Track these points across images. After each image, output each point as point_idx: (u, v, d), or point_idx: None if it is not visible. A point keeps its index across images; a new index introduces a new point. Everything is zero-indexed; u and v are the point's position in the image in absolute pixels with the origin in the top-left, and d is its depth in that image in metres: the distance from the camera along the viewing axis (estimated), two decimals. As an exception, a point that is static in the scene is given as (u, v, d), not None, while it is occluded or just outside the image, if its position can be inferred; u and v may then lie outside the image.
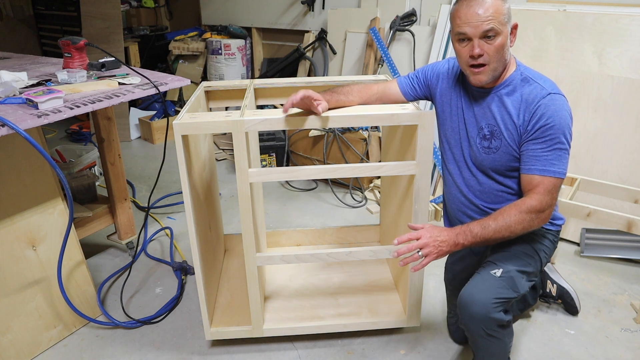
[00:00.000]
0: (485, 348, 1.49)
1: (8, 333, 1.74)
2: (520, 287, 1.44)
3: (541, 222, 1.40)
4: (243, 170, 1.51)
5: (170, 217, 2.89)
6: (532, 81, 1.41)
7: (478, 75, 1.40)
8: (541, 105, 1.37)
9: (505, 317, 1.42)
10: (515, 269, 1.45)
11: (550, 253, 1.58)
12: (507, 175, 1.49)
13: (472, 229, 1.37)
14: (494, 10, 1.31)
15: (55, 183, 1.83)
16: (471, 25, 1.33)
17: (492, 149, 1.46)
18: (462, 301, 1.44)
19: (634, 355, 1.80)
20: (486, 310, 1.39)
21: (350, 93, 1.60)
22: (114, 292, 2.20)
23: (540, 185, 1.38)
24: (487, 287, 1.42)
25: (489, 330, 1.43)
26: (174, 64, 4.73)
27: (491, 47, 1.35)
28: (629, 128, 2.34)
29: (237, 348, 1.87)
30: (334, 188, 3.18)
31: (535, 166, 1.38)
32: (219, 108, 3.05)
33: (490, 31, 1.33)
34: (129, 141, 4.21)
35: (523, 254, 1.50)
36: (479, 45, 1.35)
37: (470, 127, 1.51)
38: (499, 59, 1.37)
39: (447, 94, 1.57)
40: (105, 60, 2.00)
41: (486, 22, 1.32)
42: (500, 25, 1.33)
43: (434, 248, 1.34)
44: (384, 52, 3.28)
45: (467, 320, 1.44)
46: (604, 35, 2.39)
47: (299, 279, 2.09)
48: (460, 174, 1.59)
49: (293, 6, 4.05)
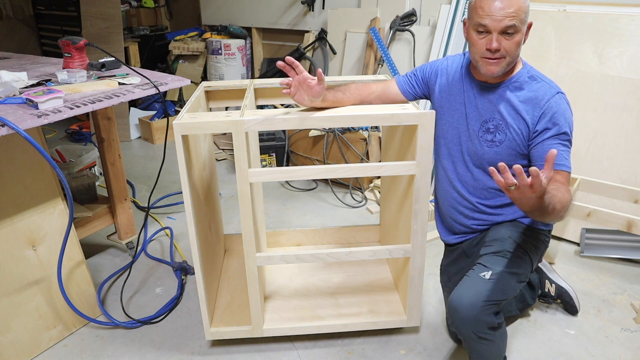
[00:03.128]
0: (477, 350, 1.49)
1: (8, 333, 1.74)
2: (510, 289, 1.44)
3: (565, 216, 1.29)
4: (243, 170, 1.51)
5: (170, 217, 2.89)
6: (539, 79, 1.44)
7: (491, 67, 1.40)
8: (551, 104, 1.39)
9: (496, 319, 1.42)
10: (505, 271, 1.45)
11: (541, 253, 1.58)
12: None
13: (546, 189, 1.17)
14: (518, 7, 1.32)
15: (55, 183, 1.83)
16: (493, 19, 1.33)
17: (495, 142, 1.47)
18: (451, 304, 1.44)
19: (633, 355, 1.80)
20: (475, 313, 1.39)
21: (348, 90, 1.60)
22: (114, 292, 2.20)
23: (561, 179, 1.36)
24: (476, 290, 1.41)
25: (480, 333, 1.42)
26: (174, 64, 4.72)
27: (509, 43, 1.36)
28: (629, 128, 2.34)
29: (237, 348, 1.87)
30: (334, 188, 3.18)
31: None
32: (219, 108, 3.04)
33: (511, 28, 1.33)
34: (129, 141, 4.20)
35: (513, 255, 1.49)
36: (497, 40, 1.35)
37: (472, 121, 1.51)
38: (515, 54, 1.39)
39: (446, 89, 1.58)
40: (105, 60, 2.00)
41: (509, 18, 1.32)
42: (520, 23, 1.34)
43: (522, 192, 1.13)
44: (384, 52, 3.28)
45: (457, 324, 1.44)
46: (604, 35, 2.39)
47: (299, 279, 2.09)
48: (454, 170, 1.59)
49: (293, 6, 4.05)
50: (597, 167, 2.43)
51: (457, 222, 1.67)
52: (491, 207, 1.58)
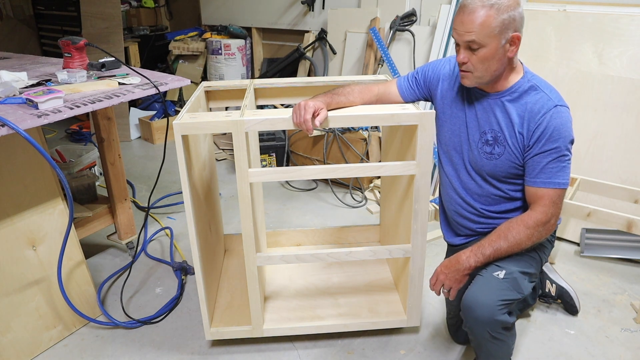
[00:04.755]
0: (488, 351, 1.49)
1: (8, 333, 1.74)
2: (524, 288, 1.44)
3: (548, 232, 1.43)
4: (243, 170, 1.51)
5: (170, 217, 2.89)
6: (539, 90, 1.41)
7: (463, 79, 1.43)
8: (547, 117, 1.37)
9: (510, 319, 1.42)
10: (518, 270, 1.45)
11: (548, 253, 1.58)
12: (504, 181, 1.50)
13: (484, 251, 1.44)
14: (480, 22, 1.30)
15: (55, 183, 1.83)
16: (458, 32, 1.36)
17: (494, 154, 1.46)
18: (466, 304, 1.43)
19: (633, 355, 1.80)
20: (491, 312, 1.38)
21: (350, 94, 1.60)
22: (114, 292, 2.20)
23: (546, 197, 1.40)
24: (491, 289, 1.41)
25: (494, 332, 1.42)
26: (174, 64, 4.73)
27: (474, 57, 1.36)
28: (629, 128, 2.34)
29: (237, 348, 1.87)
30: (334, 188, 3.18)
31: (539, 178, 1.40)
32: (219, 108, 3.04)
33: (471, 43, 1.34)
34: (129, 141, 4.21)
35: (524, 255, 1.49)
36: (463, 53, 1.38)
37: (471, 130, 1.51)
38: (483, 69, 1.38)
39: (448, 95, 1.56)
40: (105, 60, 2.00)
41: (467, 34, 1.33)
42: (484, 38, 1.32)
43: (451, 281, 1.48)
44: (384, 52, 3.28)
45: (471, 323, 1.44)
46: (604, 35, 2.39)
47: (299, 279, 2.09)
48: (457, 177, 1.59)
49: (293, 6, 4.05)
50: (597, 167, 2.43)
51: (462, 226, 1.67)
52: (496, 212, 1.57)
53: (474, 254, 1.44)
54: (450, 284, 1.48)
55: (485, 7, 1.30)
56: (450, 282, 1.48)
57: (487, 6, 1.30)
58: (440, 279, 1.49)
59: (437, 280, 1.50)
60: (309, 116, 1.42)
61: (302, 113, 1.43)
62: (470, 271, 1.46)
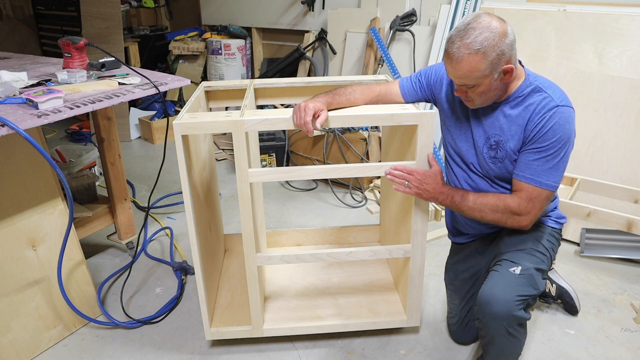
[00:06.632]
0: (501, 347, 1.48)
1: (8, 333, 1.74)
2: (539, 284, 1.44)
3: (514, 224, 1.45)
4: (243, 170, 1.51)
5: (170, 217, 2.89)
6: (542, 91, 1.39)
7: (467, 102, 1.45)
8: (546, 117, 1.36)
9: (526, 315, 1.42)
10: (533, 267, 1.45)
11: (556, 251, 1.59)
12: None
13: (454, 195, 1.48)
14: (469, 69, 1.31)
15: (55, 183, 1.83)
16: (449, 74, 1.39)
17: (498, 158, 1.47)
18: (482, 300, 1.43)
19: (633, 355, 1.80)
20: (509, 308, 1.38)
21: (351, 94, 1.60)
22: (114, 292, 2.20)
23: (523, 191, 1.41)
24: (508, 284, 1.41)
25: (511, 328, 1.42)
26: (174, 64, 4.73)
27: (471, 92, 1.39)
28: (629, 128, 2.34)
29: (237, 348, 1.87)
30: (334, 188, 3.18)
31: (523, 173, 1.41)
32: (219, 108, 3.04)
33: (466, 84, 1.36)
34: (129, 141, 4.21)
35: (537, 252, 1.50)
36: (460, 90, 1.40)
37: (477, 136, 1.51)
38: (483, 99, 1.40)
39: (452, 99, 1.56)
40: (105, 60, 2.01)
41: (459, 79, 1.36)
42: (476, 80, 1.33)
43: (416, 189, 1.50)
44: (384, 52, 3.28)
45: (488, 319, 1.43)
46: (604, 35, 2.39)
47: (299, 279, 2.09)
48: (467, 177, 1.59)
49: (293, 6, 4.05)
50: (597, 167, 2.43)
51: (470, 226, 1.67)
52: None
53: (446, 194, 1.48)
54: (411, 188, 1.50)
55: (472, 54, 1.29)
56: (414, 189, 1.49)
57: (473, 52, 1.28)
58: (411, 178, 1.49)
59: (409, 177, 1.50)
60: (309, 118, 1.42)
61: (302, 115, 1.43)
62: (433, 202, 1.51)
